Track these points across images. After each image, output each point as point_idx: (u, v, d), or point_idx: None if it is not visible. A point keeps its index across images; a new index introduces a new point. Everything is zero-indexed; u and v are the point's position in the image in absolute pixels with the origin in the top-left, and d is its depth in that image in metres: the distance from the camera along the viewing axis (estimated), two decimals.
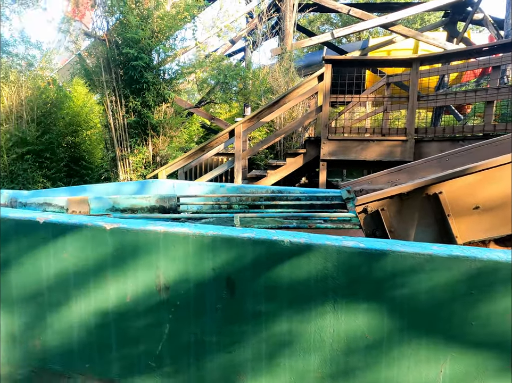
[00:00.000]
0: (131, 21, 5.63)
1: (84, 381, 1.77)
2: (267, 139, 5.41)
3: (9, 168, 6.39)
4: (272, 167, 5.15)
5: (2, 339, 1.79)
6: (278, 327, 1.40)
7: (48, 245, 1.64)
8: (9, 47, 7.49)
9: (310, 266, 1.29)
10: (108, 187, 4.75)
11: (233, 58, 9.55)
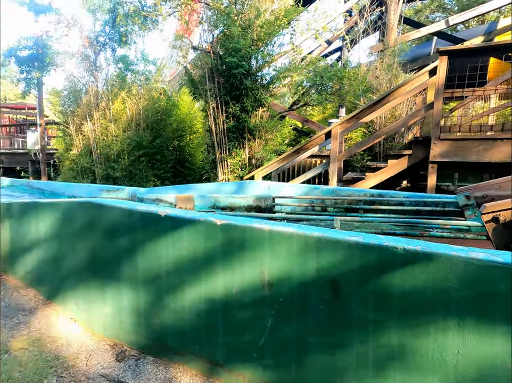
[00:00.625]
0: (233, 32, 6.31)
1: (195, 360, 2.05)
2: (367, 140, 5.38)
3: (128, 168, 7.81)
4: (372, 170, 5.09)
5: (129, 312, 2.29)
6: (387, 337, 1.35)
7: (167, 235, 2.01)
8: (133, 66, 9.13)
9: (428, 276, 1.22)
10: (209, 187, 5.43)
11: (329, 58, 9.69)
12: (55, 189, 6.30)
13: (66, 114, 9.30)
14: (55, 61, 9.80)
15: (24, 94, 10.20)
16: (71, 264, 2.60)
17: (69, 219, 2.59)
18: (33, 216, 3.03)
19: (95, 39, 9.28)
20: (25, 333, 2.44)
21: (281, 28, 6.75)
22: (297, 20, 7.28)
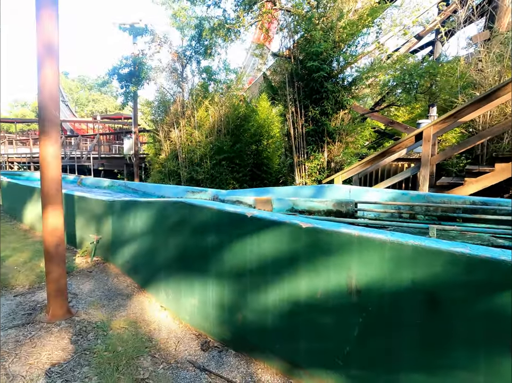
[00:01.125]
0: (315, 36, 6.31)
1: (275, 359, 2.07)
2: (466, 141, 4.84)
3: (210, 172, 8.34)
4: (472, 174, 4.56)
5: (215, 306, 2.39)
6: (507, 367, 1.19)
7: (253, 236, 2.06)
8: (216, 75, 9.76)
9: None
10: (287, 190, 5.45)
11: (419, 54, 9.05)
12: (147, 190, 7.05)
13: (156, 122, 10.39)
14: (148, 76, 11.03)
15: (123, 106, 11.70)
16: (163, 257, 2.88)
17: (163, 217, 2.88)
18: (132, 213, 3.44)
19: (182, 53, 10.22)
20: (124, 315, 2.77)
21: (365, 28, 6.54)
22: (383, 18, 6.97)
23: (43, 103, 2.56)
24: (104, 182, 8.67)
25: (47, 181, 2.62)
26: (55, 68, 2.59)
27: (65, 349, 2.26)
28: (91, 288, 3.35)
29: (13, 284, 3.48)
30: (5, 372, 2.04)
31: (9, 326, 2.59)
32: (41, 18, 2.47)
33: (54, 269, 2.67)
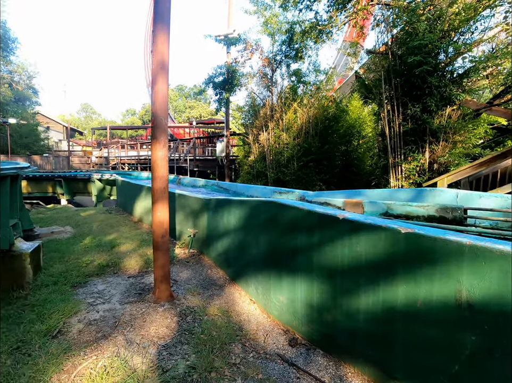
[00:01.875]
0: (418, 27, 5.78)
1: (367, 365, 1.92)
2: None
3: (297, 173, 8.36)
4: None
5: (303, 304, 2.31)
6: None
7: (344, 238, 1.99)
8: (305, 77, 9.73)
9: None
10: (381, 193, 5.08)
11: None
12: (237, 189, 7.43)
13: (246, 126, 10.89)
14: (240, 83, 11.64)
15: (216, 111, 12.62)
16: (253, 253, 2.98)
17: (255, 215, 2.99)
18: (225, 210, 3.65)
19: (272, 58, 10.50)
20: (217, 303, 2.95)
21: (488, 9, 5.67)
22: None
23: (155, 112, 2.94)
24: (199, 182, 9.47)
25: (156, 180, 2.98)
26: (166, 83, 2.96)
27: (168, 327, 2.54)
28: (188, 276, 3.68)
29: (126, 267, 4.06)
30: (123, 337, 2.38)
31: (125, 302, 3.03)
32: (156, 42, 2.88)
33: (160, 257, 3.02)
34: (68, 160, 25.61)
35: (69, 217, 7.75)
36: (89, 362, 2.12)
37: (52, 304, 2.93)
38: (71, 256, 4.44)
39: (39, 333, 2.46)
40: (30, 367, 2.06)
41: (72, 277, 3.67)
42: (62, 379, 1.97)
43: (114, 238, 5.47)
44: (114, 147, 27.42)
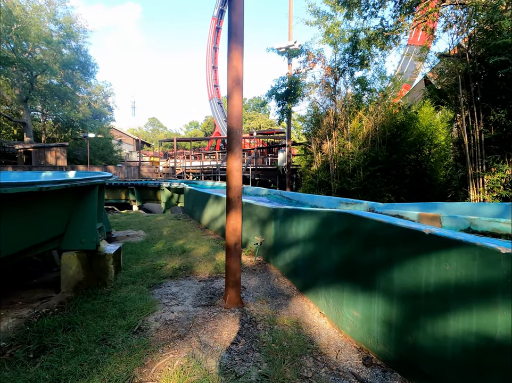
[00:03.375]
0: (502, 25, 5.26)
1: None
2: None
3: (363, 183, 8.06)
4: None
5: (380, 322, 2.16)
6: None
7: (430, 255, 1.85)
8: (370, 84, 9.43)
9: None
10: (460, 206, 4.65)
11: None
12: (300, 199, 7.40)
13: (309, 136, 10.84)
14: (302, 93, 11.66)
15: (279, 122, 12.79)
16: (324, 265, 2.92)
17: (326, 226, 2.94)
18: (294, 220, 3.65)
19: (335, 67, 10.37)
20: (286, 314, 2.94)
21: None
22: None
23: (231, 125, 3.09)
24: (261, 191, 9.65)
25: (231, 189, 3.11)
26: (241, 97, 3.10)
27: (239, 333, 2.61)
28: (256, 284, 3.75)
29: (197, 271, 4.28)
30: (198, 339, 2.51)
31: (198, 305, 3.19)
32: (231, 59, 3.06)
33: (232, 264, 3.13)
34: (138, 169, 28.05)
35: (142, 222, 8.45)
36: (166, 359, 2.27)
37: (132, 302, 3.21)
38: (146, 258, 4.83)
39: (122, 328, 2.70)
40: (114, 358, 2.26)
41: (148, 278, 3.98)
42: (143, 372, 2.13)
43: (184, 243, 5.82)
44: (179, 158, 29.36)
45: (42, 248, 3.36)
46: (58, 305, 3.23)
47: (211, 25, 40.89)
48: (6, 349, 2.45)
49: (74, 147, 31.15)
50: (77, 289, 3.58)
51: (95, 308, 3.06)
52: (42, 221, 3.12)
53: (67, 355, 2.29)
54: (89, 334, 2.58)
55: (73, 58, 29.67)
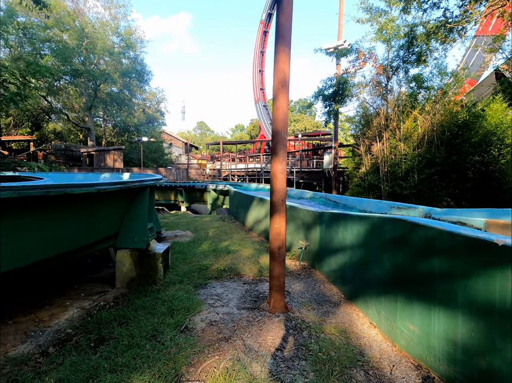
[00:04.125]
0: None
1: None
2: None
3: (417, 187, 7.55)
4: None
5: (442, 339, 1.93)
6: None
7: (504, 269, 1.64)
8: (427, 82, 8.83)
9: None
10: None
11: None
12: (347, 203, 7.13)
13: (357, 137, 10.44)
14: (351, 93, 11.29)
15: (325, 124, 12.52)
16: (375, 273, 2.75)
17: (377, 232, 2.77)
18: (341, 225, 3.50)
19: (388, 65, 9.88)
20: (333, 322, 2.82)
21: None
22: None
23: (276, 128, 3.06)
24: (306, 194, 9.49)
25: (275, 192, 3.08)
26: (286, 100, 3.06)
27: (284, 338, 2.56)
28: (300, 289, 3.67)
29: (241, 273, 4.30)
30: (242, 342, 2.50)
31: (242, 307, 3.20)
32: (278, 61, 3.03)
33: (276, 268, 3.09)
34: (187, 172, 29.24)
35: (189, 223, 8.76)
36: (212, 360, 2.29)
37: (179, 301, 3.30)
38: (193, 258, 4.97)
39: (170, 325, 2.79)
40: (164, 355, 2.34)
41: (194, 278, 4.09)
42: (190, 371, 2.17)
43: (229, 244, 5.91)
44: (225, 160, 30.09)
45: (101, 245, 3.61)
46: (114, 299, 3.44)
47: (258, 29, 41.45)
48: (72, 336, 2.67)
49: (130, 150, 33.41)
50: (130, 285, 3.79)
51: (145, 305, 3.21)
52: (100, 220, 3.35)
53: (122, 347, 2.42)
54: (141, 329, 2.70)
55: (131, 67, 31.92)
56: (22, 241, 2.37)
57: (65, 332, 2.74)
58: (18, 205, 2.20)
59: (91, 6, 30.86)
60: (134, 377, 2.06)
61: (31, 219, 2.38)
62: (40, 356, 2.39)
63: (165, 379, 2.06)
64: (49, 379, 2.07)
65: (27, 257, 2.47)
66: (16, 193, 2.04)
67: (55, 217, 2.61)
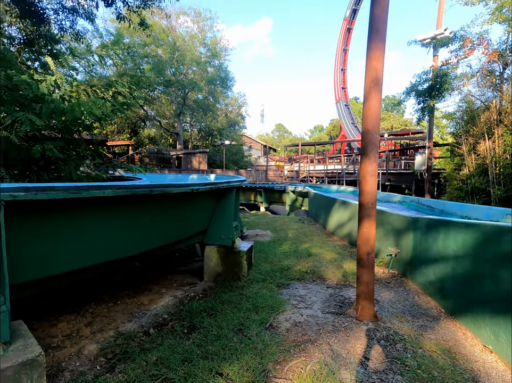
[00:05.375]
0: None
1: None
2: None
3: None
4: None
5: None
6: None
7: None
8: None
9: None
10: None
11: None
12: (445, 208, 6.43)
13: (458, 135, 9.33)
14: (452, 86, 10.13)
15: (418, 121, 11.47)
16: (489, 290, 2.44)
17: (492, 243, 2.46)
18: (441, 232, 3.15)
19: (506, 49, 8.61)
20: (433, 338, 2.57)
21: None
22: None
23: (366, 128, 2.93)
24: (394, 197, 8.86)
25: (364, 195, 2.95)
26: (379, 99, 2.90)
27: (374, 349, 2.42)
28: (391, 298, 3.43)
29: (324, 277, 4.22)
30: (329, 347, 2.45)
31: (326, 311, 3.14)
32: (370, 58, 2.90)
33: (364, 274, 2.95)
34: (265, 173, 29.91)
35: (268, 223, 8.93)
36: (298, 361, 2.29)
37: (263, 299, 3.39)
38: (274, 258, 5.06)
39: (255, 321, 2.88)
40: (250, 349, 2.42)
41: (277, 277, 4.15)
42: (276, 369, 2.21)
43: (309, 246, 5.86)
44: (303, 162, 29.94)
45: (192, 240, 3.93)
46: (202, 291, 3.71)
47: (341, 26, 40.23)
48: (168, 321, 2.97)
49: (213, 153, 35.66)
50: (216, 279, 4.04)
51: (231, 299, 3.38)
52: (192, 217, 3.65)
53: (211, 337, 2.60)
54: (228, 322, 2.86)
55: (215, 74, 34.11)
56: (133, 232, 2.73)
57: (162, 317, 3.05)
58: (129, 201, 2.53)
59: (182, 22, 33.83)
60: (224, 366, 2.19)
61: (138, 214, 2.72)
62: (143, 335, 2.71)
63: (253, 372, 2.13)
64: (151, 356, 2.33)
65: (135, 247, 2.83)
66: (130, 191, 2.36)
67: (156, 213, 2.94)
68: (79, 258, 2.29)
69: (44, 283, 2.20)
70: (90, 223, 2.29)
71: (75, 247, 2.22)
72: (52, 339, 2.57)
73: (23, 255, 1.90)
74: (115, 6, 7.27)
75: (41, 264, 2.05)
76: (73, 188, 1.95)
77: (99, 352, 2.40)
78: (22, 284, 1.95)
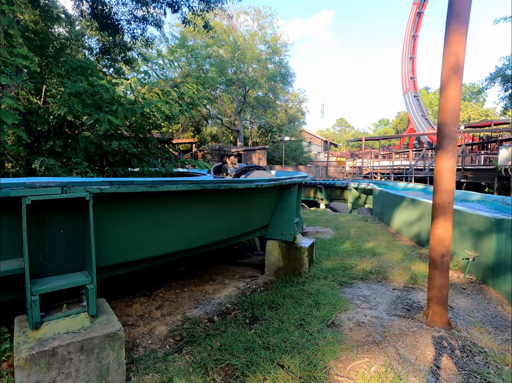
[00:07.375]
0: None
1: None
2: None
3: None
4: None
5: None
6: None
7: None
8: None
9: None
10: None
11: None
12: None
13: None
14: None
15: (503, 111, 10.20)
16: None
17: None
18: None
19: None
20: None
21: None
22: None
23: (443, 120, 2.72)
24: (471, 195, 8.05)
25: (439, 193, 2.74)
26: (459, 88, 2.66)
27: (448, 358, 2.27)
28: (467, 306, 3.16)
29: (390, 278, 4.03)
30: (395, 351, 2.35)
31: (392, 314, 3.00)
32: (449, 43, 2.68)
33: (437, 277, 2.76)
34: (326, 169, 29.25)
35: (329, 220, 8.74)
36: (361, 362, 2.24)
37: (324, 296, 3.36)
38: (335, 256, 4.96)
39: (316, 318, 2.87)
40: (312, 345, 2.43)
41: (339, 276, 4.07)
42: (338, 367, 2.19)
43: (374, 246, 5.62)
44: (367, 157, 28.59)
45: (254, 234, 4.05)
46: (263, 284, 3.81)
47: (411, 11, 37.29)
48: (231, 310, 3.12)
49: (272, 149, 35.88)
50: (277, 273, 4.10)
51: (292, 294, 3.42)
52: (256, 212, 3.75)
53: (272, 329, 2.66)
54: (289, 316, 2.90)
55: (275, 71, 34.16)
56: (202, 224, 2.91)
57: (225, 306, 3.21)
58: (199, 195, 2.70)
59: (242, 21, 34.41)
60: (285, 358, 2.24)
61: (206, 207, 2.89)
62: (208, 321, 2.89)
63: (314, 367, 2.14)
64: (216, 341, 2.47)
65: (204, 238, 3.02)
66: (200, 186, 2.51)
67: (222, 207, 3.09)
68: (154, 246, 2.52)
69: (122, 267, 2.46)
70: (164, 214, 2.50)
71: (151, 236, 2.45)
72: (128, 318, 2.87)
73: (106, 241, 2.15)
74: (181, 11, 7.70)
75: (124, 250, 2.30)
76: (150, 182, 2.15)
77: (168, 334, 2.63)
78: (104, 267, 2.21)
